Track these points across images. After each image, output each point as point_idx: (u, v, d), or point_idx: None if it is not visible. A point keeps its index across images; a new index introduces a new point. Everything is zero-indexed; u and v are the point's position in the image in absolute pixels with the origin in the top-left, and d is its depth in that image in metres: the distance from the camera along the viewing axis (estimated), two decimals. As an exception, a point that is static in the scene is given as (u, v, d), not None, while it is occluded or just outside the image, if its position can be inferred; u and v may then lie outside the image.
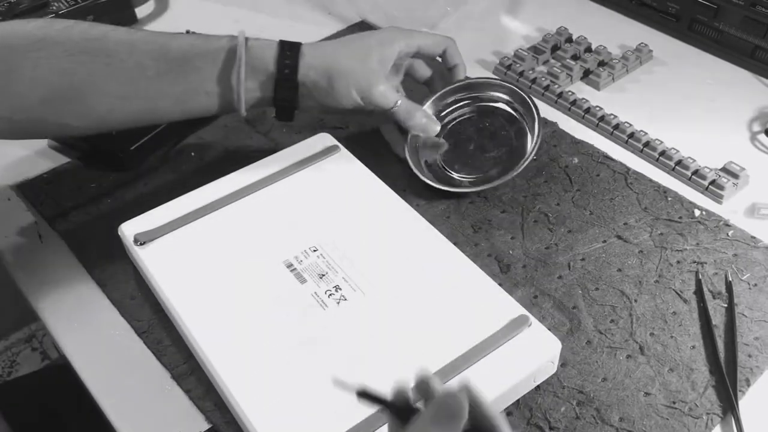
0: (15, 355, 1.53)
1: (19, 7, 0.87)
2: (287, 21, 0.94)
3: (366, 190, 0.65)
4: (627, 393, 0.53)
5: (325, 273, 0.57)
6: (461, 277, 0.57)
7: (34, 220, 0.68)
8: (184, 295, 0.56)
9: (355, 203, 0.63)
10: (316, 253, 0.58)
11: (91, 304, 0.61)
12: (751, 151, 0.73)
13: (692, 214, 0.66)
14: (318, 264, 0.58)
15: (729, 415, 0.52)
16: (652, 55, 0.85)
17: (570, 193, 0.69)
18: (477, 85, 0.73)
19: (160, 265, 0.58)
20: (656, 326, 0.57)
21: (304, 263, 0.58)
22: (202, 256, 0.59)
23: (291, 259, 0.58)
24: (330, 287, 0.56)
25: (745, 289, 0.59)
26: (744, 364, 0.55)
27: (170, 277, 0.58)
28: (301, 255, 0.58)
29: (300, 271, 0.57)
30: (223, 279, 0.57)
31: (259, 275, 0.57)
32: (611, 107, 0.76)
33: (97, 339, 0.59)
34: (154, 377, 0.56)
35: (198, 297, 0.56)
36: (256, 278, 0.57)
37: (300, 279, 0.57)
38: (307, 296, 0.56)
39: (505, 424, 0.37)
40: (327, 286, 0.56)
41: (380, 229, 0.61)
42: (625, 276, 0.61)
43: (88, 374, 0.57)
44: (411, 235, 0.60)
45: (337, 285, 0.56)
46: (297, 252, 0.59)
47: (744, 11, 0.79)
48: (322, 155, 0.67)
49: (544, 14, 0.93)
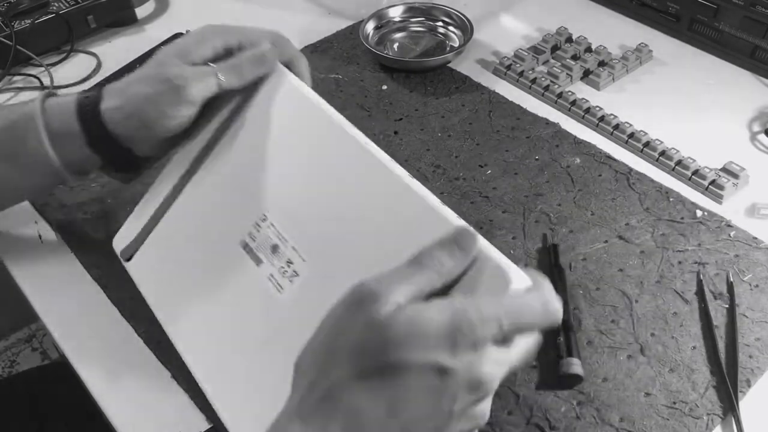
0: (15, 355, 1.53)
1: (19, 7, 0.87)
2: (288, 20, 0.94)
3: (309, 124, 0.53)
4: (627, 393, 0.53)
5: (276, 245, 0.51)
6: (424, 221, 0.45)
7: (34, 220, 0.68)
8: (168, 306, 0.56)
9: (297, 146, 0.53)
10: (266, 223, 0.52)
11: (91, 304, 0.61)
12: (751, 151, 0.73)
13: (694, 215, 0.66)
14: (269, 236, 0.52)
15: (729, 416, 0.52)
16: (652, 55, 0.85)
17: (572, 193, 0.68)
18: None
19: (146, 278, 0.58)
20: (657, 326, 0.57)
21: (257, 239, 0.52)
22: (175, 257, 0.57)
23: (246, 237, 0.53)
24: (283, 263, 0.50)
25: (746, 290, 0.59)
26: (745, 364, 0.54)
27: (154, 288, 0.57)
28: (253, 230, 0.53)
29: (254, 249, 0.52)
30: (194, 278, 0.56)
31: (222, 266, 0.54)
32: (611, 107, 0.76)
33: (97, 339, 0.59)
34: (154, 377, 0.56)
35: (178, 305, 0.55)
36: (220, 271, 0.54)
37: (256, 260, 0.52)
38: (264, 281, 0.51)
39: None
40: (280, 262, 0.51)
41: (328, 175, 0.51)
42: (627, 276, 0.61)
43: (88, 374, 0.57)
44: (364, 175, 0.48)
45: (288, 259, 0.50)
46: (249, 227, 0.53)
47: (744, 11, 0.79)
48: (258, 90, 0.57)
49: (544, 14, 0.93)
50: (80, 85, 0.84)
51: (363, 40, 0.85)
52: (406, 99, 0.81)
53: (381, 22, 0.90)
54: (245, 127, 0.57)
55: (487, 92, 0.81)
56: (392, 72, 0.85)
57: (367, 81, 0.83)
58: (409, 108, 0.80)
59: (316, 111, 0.53)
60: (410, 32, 0.91)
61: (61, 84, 0.84)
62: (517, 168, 0.72)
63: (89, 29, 0.90)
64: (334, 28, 0.92)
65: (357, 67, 0.86)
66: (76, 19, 0.88)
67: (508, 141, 0.75)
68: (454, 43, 0.88)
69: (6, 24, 0.85)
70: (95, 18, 0.90)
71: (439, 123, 0.77)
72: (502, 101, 0.79)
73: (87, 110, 0.55)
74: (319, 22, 0.94)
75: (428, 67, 0.84)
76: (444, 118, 0.78)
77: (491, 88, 0.81)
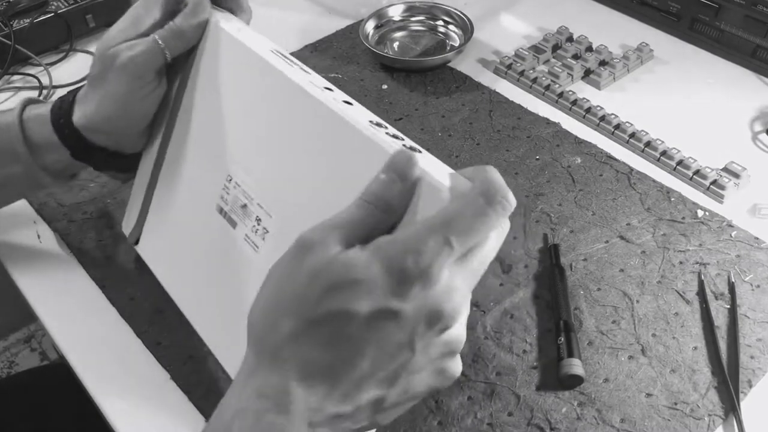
0: (14, 356, 1.53)
1: (17, 6, 0.86)
2: (288, 19, 0.94)
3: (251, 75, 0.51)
4: (628, 394, 0.53)
5: (245, 204, 0.50)
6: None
7: (32, 220, 0.68)
8: (175, 283, 0.55)
9: (246, 100, 0.51)
10: (232, 183, 0.51)
11: (90, 304, 0.61)
12: (753, 150, 0.73)
13: (695, 215, 0.66)
14: (238, 196, 0.51)
15: (731, 417, 0.52)
16: (653, 54, 0.84)
17: (572, 193, 0.68)
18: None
19: (155, 259, 0.57)
20: (658, 327, 0.57)
21: (229, 201, 0.51)
22: (172, 233, 0.57)
23: (220, 201, 0.52)
24: (253, 221, 0.49)
25: (747, 291, 0.59)
26: (746, 365, 0.54)
27: (163, 267, 0.57)
28: (223, 192, 0.52)
29: (228, 212, 0.51)
30: (190, 251, 0.55)
31: (207, 234, 0.53)
32: (612, 107, 0.76)
33: (97, 339, 0.59)
34: (154, 377, 0.56)
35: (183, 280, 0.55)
36: (208, 239, 0.53)
37: (231, 223, 0.51)
38: (242, 242, 0.50)
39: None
40: (251, 221, 0.49)
41: (278, 125, 0.49)
42: (628, 276, 0.61)
43: (88, 375, 0.56)
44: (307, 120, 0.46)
45: (257, 216, 0.49)
46: (220, 191, 0.52)
47: (745, 11, 0.79)
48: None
49: (545, 13, 0.93)
50: (80, 84, 0.84)
51: (363, 39, 0.85)
52: (406, 98, 0.80)
53: (381, 22, 0.90)
54: (197, 88, 0.55)
55: (488, 92, 0.81)
56: (392, 71, 0.84)
57: (367, 80, 0.83)
58: (410, 107, 0.79)
59: (255, 60, 0.50)
60: (410, 31, 0.90)
61: (60, 83, 0.84)
62: (517, 168, 0.71)
63: (88, 28, 0.90)
64: (333, 27, 0.92)
65: (357, 67, 0.85)
66: (75, 19, 0.88)
67: (508, 141, 0.74)
68: (455, 43, 0.88)
69: (5, 23, 0.84)
70: (94, 17, 0.90)
71: (440, 122, 0.77)
72: (503, 101, 0.79)
73: (62, 124, 0.55)
74: (318, 22, 0.94)
75: (428, 66, 0.84)
76: (444, 118, 0.78)
77: (492, 87, 0.81)
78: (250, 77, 0.51)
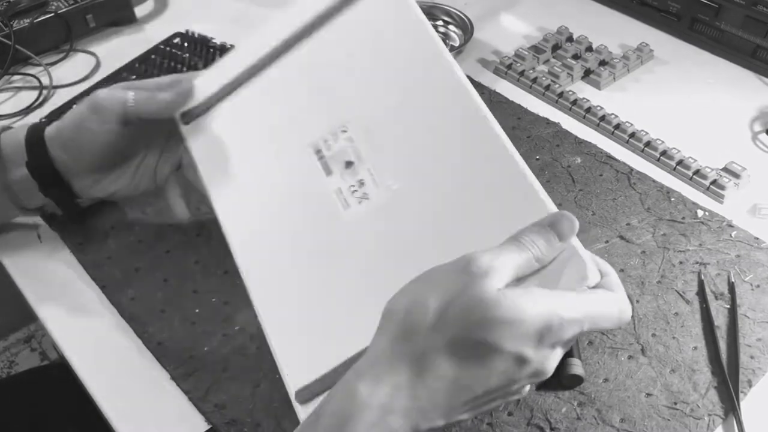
0: (14, 356, 1.53)
1: (18, 6, 0.86)
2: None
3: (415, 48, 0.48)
4: (628, 394, 0.53)
5: (351, 161, 0.48)
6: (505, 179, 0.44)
7: (33, 220, 0.68)
8: (221, 185, 0.53)
9: (398, 67, 0.49)
10: (345, 135, 0.49)
11: (90, 305, 0.61)
12: (753, 150, 0.73)
13: (695, 215, 0.66)
14: (346, 150, 0.49)
15: (731, 417, 0.52)
16: (653, 54, 0.84)
17: (572, 193, 0.68)
18: None
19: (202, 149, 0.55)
20: (658, 327, 0.57)
21: (332, 148, 0.49)
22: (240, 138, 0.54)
23: (320, 143, 0.50)
24: (354, 181, 0.48)
25: (747, 291, 0.59)
26: (746, 365, 0.54)
27: (210, 164, 0.54)
28: (330, 138, 0.49)
29: (327, 158, 0.49)
30: (255, 167, 0.52)
31: (286, 162, 0.51)
32: (612, 107, 0.76)
33: (97, 339, 0.59)
34: (154, 378, 0.56)
35: (233, 188, 0.52)
36: (284, 166, 0.51)
37: (326, 169, 0.49)
38: (330, 193, 0.48)
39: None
40: (352, 179, 0.48)
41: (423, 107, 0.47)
42: (628, 276, 0.61)
43: (88, 375, 0.57)
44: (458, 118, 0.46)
45: (361, 179, 0.47)
46: (326, 134, 0.49)
47: (745, 11, 0.79)
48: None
49: (545, 13, 0.93)
50: (80, 84, 0.84)
51: None
52: (407, 98, 0.80)
53: None
54: (347, 28, 0.51)
55: (488, 92, 0.81)
56: (392, 71, 0.84)
57: (367, 80, 0.83)
58: (410, 107, 0.79)
59: (426, 41, 0.48)
60: None
61: (61, 83, 0.84)
62: (517, 168, 0.71)
63: (88, 28, 0.90)
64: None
65: (357, 67, 0.85)
66: (75, 19, 0.88)
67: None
68: (455, 43, 0.88)
69: (5, 23, 0.84)
70: (94, 17, 0.90)
71: (440, 122, 0.77)
72: (503, 101, 0.79)
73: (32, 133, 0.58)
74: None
75: (428, 66, 0.84)
76: (444, 118, 0.78)
77: (492, 87, 0.81)
78: (413, 54, 0.48)
